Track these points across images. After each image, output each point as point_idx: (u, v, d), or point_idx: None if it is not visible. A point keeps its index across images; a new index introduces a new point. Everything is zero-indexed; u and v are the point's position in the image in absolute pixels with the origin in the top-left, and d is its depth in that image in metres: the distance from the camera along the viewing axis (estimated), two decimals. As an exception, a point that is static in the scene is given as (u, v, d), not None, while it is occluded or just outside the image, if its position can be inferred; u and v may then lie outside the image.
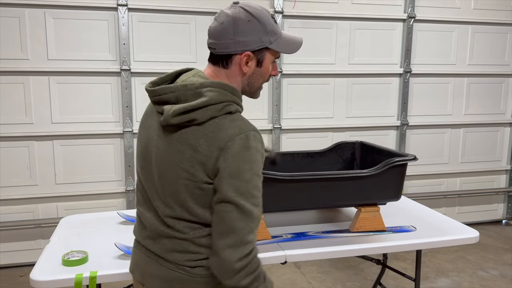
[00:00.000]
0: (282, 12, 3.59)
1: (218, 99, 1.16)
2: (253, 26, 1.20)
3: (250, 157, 1.13)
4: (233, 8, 1.22)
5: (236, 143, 1.12)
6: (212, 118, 1.15)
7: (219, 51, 1.23)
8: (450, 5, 4.04)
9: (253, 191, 1.14)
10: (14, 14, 3.15)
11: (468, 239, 1.97)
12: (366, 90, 3.96)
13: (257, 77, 1.28)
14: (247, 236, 1.12)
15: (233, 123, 1.15)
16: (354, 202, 1.98)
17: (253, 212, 1.13)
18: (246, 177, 1.12)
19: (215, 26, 1.24)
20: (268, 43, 1.22)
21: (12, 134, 3.25)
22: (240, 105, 1.22)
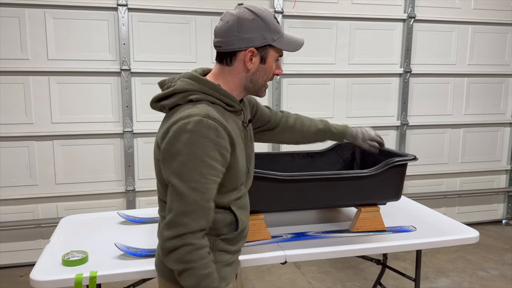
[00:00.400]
0: (282, 12, 3.59)
1: (183, 88, 1.25)
2: (257, 24, 1.26)
3: (192, 141, 1.15)
4: (238, 9, 1.28)
5: (179, 126, 1.16)
6: (177, 105, 1.25)
7: (224, 48, 1.28)
8: (450, 5, 4.04)
9: (192, 174, 1.15)
10: (14, 14, 3.15)
11: (468, 239, 1.96)
12: (366, 90, 3.96)
13: (260, 74, 1.33)
14: (179, 218, 1.15)
15: (187, 110, 1.20)
16: (354, 202, 1.98)
17: (187, 195, 1.15)
18: (184, 159, 1.15)
19: (220, 25, 1.28)
20: (271, 41, 1.28)
21: (12, 134, 3.25)
22: (212, 95, 1.25)
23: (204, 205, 1.17)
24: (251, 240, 1.82)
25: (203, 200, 1.17)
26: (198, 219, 1.16)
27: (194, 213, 1.16)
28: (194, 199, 1.15)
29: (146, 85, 3.44)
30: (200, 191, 1.16)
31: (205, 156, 1.16)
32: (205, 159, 1.16)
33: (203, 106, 1.21)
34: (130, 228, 2.01)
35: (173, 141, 1.16)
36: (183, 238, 1.15)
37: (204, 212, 1.17)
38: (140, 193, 3.56)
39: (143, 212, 2.20)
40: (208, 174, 1.17)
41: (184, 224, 1.15)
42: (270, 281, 3.20)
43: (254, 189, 1.77)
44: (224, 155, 1.20)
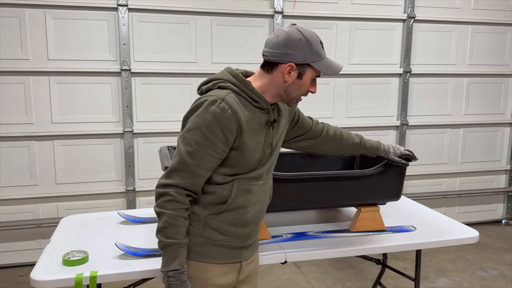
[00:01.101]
0: (282, 12, 3.60)
1: (217, 77, 1.44)
2: (301, 44, 1.41)
3: (201, 114, 1.34)
4: (290, 27, 1.44)
5: (198, 102, 1.37)
6: (209, 90, 1.43)
7: (269, 58, 1.42)
8: (450, 5, 4.04)
9: (190, 140, 1.34)
10: (14, 14, 3.15)
11: (468, 239, 1.97)
12: (366, 90, 3.96)
13: (295, 88, 1.46)
14: (171, 172, 1.35)
15: (211, 93, 1.40)
16: (354, 202, 1.98)
17: (182, 155, 1.34)
18: (190, 126, 1.35)
19: (272, 38, 1.43)
20: (311, 61, 1.43)
21: (12, 134, 3.25)
22: (238, 86, 1.40)
23: (192, 169, 1.34)
24: (251, 240, 1.82)
25: (193, 164, 1.34)
26: (185, 178, 1.34)
27: (183, 172, 1.34)
28: (186, 161, 1.34)
29: (146, 85, 3.45)
30: (192, 156, 1.34)
31: (206, 129, 1.33)
32: (205, 132, 1.33)
33: (226, 92, 1.38)
34: (130, 228, 2.01)
35: (190, 112, 1.38)
36: (167, 188, 1.34)
37: (191, 175, 1.35)
38: (140, 193, 3.56)
39: (143, 212, 2.20)
40: (204, 145, 1.34)
41: (172, 177, 1.34)
42: (270, 281, 3.20)
43: (254, 189, 1.77)
44: (227, 135, 1.35)
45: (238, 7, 3.54)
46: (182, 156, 1.34)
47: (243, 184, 1.43)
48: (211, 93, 1.40)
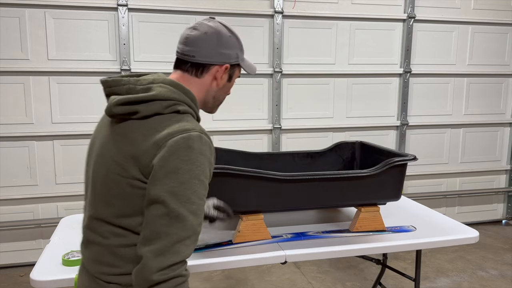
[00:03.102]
0: (282, 12, 3.60)
1: (166, 96, 1.11)
2: (232, 41, 1.24)
3: (191, 157, 1.05)
4: (213, 22, 1.24)
5: (177, 141, 1.05)
6: (157, 114, 1.10)
7: (199, 59, 1.20)
8: (450, 5, 4.04)
9: (190, 196, 1.04)
10: (14, 14, 3.15)
11: (468, 239, 1.97)
12: (366, 90, 3.96)
13: (224, 91, 1.29)
14: (175, 246, 1.01)
15: (178, 122, 1.09)
16: (354, 202, 1.98)
17: (186, 218, 1.03)
18: (183, 178, 1.03)
19: (197, 35, 1.21)
20: (241, 60, 1.28)
21: (12, 134, 3.25)
22: (193, 108, 1.17)
23: (198, 230, 1.06)
24: (251, 240, 1.82)
25: (197, 224, 1.06)
26: (190, 244, 1.04)
27: (189, 239, 1.04)
28: (191, 224, 1.04)
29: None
30: (196, 214, 1.05)
31: (202, 175, 1.07)
32: (202, 178, 1.07)
33: (193, 120, 1.13)
34: (130, 228, 2.01)
35: (170, 157, 1.04)
36: (174, 269, 1.01)
37: (195, 237, 1.06)
38: (140, 193, 3.56)
39: (143, 212, 2.20)
40: (203, 195, 1.08)
41: (178, 251, 1.01)
42: (270, 281, 3.20)
43: (254, 189, 1.77)
44: (211, 173, 1.13)
45: (238, 7, 3.54)
46: (185, 218, 1.03)
47: None
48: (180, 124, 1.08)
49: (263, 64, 3.68)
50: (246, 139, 3.71)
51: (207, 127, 3.66)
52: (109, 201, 1.12)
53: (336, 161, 2.40)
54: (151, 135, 1.07)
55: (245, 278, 3.24)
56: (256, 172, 1.76)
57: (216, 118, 3.56)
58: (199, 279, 3.21)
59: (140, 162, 1.07)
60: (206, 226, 1.82)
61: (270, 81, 3.71)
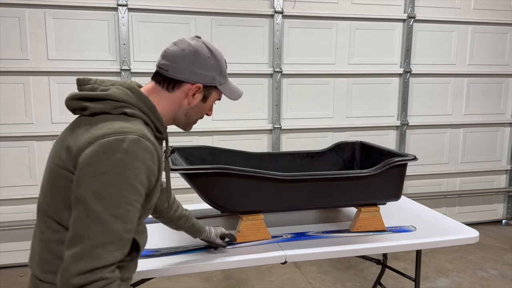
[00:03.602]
0: (282, 12, 3.59)
1: (117, 97, 1.12)
2: (211, 63, 1.24)
3: (123, 160, 1.01)
4: (196, 41, 1.26)
5: (109, 142, 1.02)
6: (105, 113, 1.11)
7: (171, 74, 1.21)
8: (450, 5, 4.04)
9: (117, 200, 1.01)
10: (14, 14, 3.15)
11: (468, 239, 1.96)
12: (366, 90, 3.96)
13: (197, 111, 1.29)
14: (95, 250, 0.98)
15: (119, 123, 1.07)
16: (354, 202, 1.98)
17: (107, 222, 0.99)
18: (111, 180, 1.00)
19: (174, 50, 1.23)
20: (219, 84, 1.27)
21: (12, 134, 3.25)
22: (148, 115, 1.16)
23: (124, 236, 1.02)
24: (251, 240, 1.82)
25: (123, 230, 1.02)
26: (114, 250, 1.01)
27: (112, 244, 1.00)
28: (114, 229, 1.00)
29: (146, 85, 3.44)
30: (122, 220, 1.01)
31: (135, 180, 1.03)
32: (134, 184, 1.03)
33: (139, 124, 1.10)
34: (130, 228, 2.01)
35: (100, 157, 1.01)
36: (95, 273, 0.98)
37: (121, 243, 1.02)
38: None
39: (143, 212, 2.20)
40: (134, 201, 1.04)
41: (99, 257, 0.98)
42: (270, 281, 3.20)
43: (254, 189, 1.77)
44: (151, 181, 1.10)
45: (238, 7, 3.54)
46: (107, 222, 0.99)
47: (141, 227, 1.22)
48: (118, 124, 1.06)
49: (263, 64, 3.68)
50: (246, 139, 3.71)
51: (207, 127, 3.68)
52: (48, 192, 1.13)
53: (336, 161, 2.40)
54: (91, 130, 1.08)
55: (245, 278, 3.24)
56: (256, 172, 1.76)
57: (216, 118, 3.56)
58: (199, 279, 3.21)
59: (72, 154, 1.07)
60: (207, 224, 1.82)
61: (270, 81, 3.71)
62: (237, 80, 3.62)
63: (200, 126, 3.48)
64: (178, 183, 2.71)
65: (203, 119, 1.36)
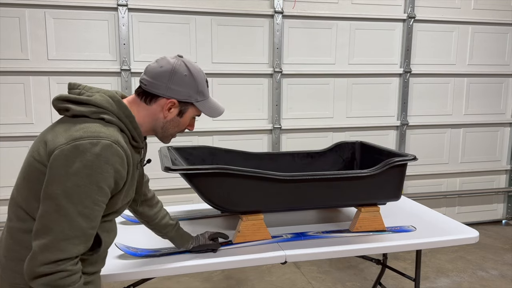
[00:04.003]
0: (282, 12, 3.59)
1: (98, 103, 1.22)
2: (187, 81, 1.31)
3: (94, 163, 1.10)
4: (176, 59, 1.32)
5: (84, 145, 1.11)
6: (84, 116, 1.20)
7: (149, 88, 1.30)
8: (450, 5, 4.04)
9: (84, 199, 1.10)
10: (14, 14, 3.15)
11: (468, 239, 1.97)
12: (366, 90, 3.96)
13: (173, 125, 1.36)
14: (61, 243, 1.08)
15: (96, 127, 1.16)
16: (354, 202, 1.98)
17: (74, 219, 1.09)
18: (81, 181, 1.09)
19: (154, 67, 1.31)
20: (195, 100, 1.34)
21: (12, 134, 3.25)
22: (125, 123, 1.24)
23: (88, 232, 1.13)
24: (251, 240, 1.82)
25: (88, 227, 1.12)
26: (78, 244, 1.11)
27: (76, 239, 1.10)
28: (80, 225, 1.10)
29: (146, 85, 3.44)
30: (88, 218, 1.11)
31: (103, 182, 1.12)
32: (102, 186, 1.13)
33: (114, 131, 1.19)
34: (130, 228, 2.01)
35: (73, 158, 1.10)
36: (59, 264, 1.08)
37: (85, 238, 1.12)
38: (140, 193, 3.55)
39: (143, 212, 2.20)
40: (100, 201, 1.14)
41: (63, 249, 1.09)
42: (270, 281, 3.20)
43: (254, 189, 1.77)
44: (119, 184, 1.19)
45: (238, 7, 3.54)
46: (73, 219, 1.09)
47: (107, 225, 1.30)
48: (93, 128, 1.15)
49: (263, 64, 3.68)
50: (246, 139, 3.71)
51: (207, 127, 3.68)
52: (21, 183, 1.22)
53: (336, 161, 2.40)
54: (69, 131, 1.16)
55: (245, 278, 3.24)
56: (256, 172, 1.76)
57: (216, 118, 3.55)
58: (199, 279, 3.21)
59: (48, 150, 1.15)
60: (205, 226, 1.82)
61: (270, 81, 3.71)
62: (237, 80, 3.62)
63: (200, 126, 3.49)
64: (178, 183, 2.72)
65: (200, 121, 1.37)
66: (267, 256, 1.73)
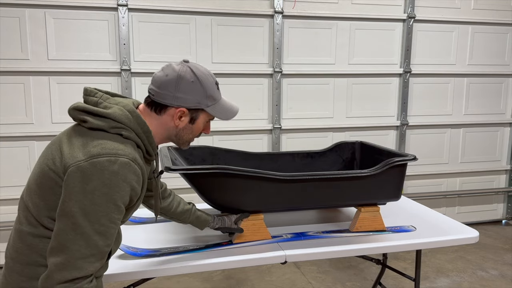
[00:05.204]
0: (282, 12, 3.59)
1: (117, 117, 1.18)
2: (194, 87, 1.27)
3: (112, 181, 1.09)
4: (181, 66, 1.28)
5: (102, 163, 1.09)
6: (101, 130, 1.17)
7: (157, 99, 1.27)
8: (450, 5, 4.04)
9: (101, 218, 1.09)
10: (14, 14, 3.15)
11: (468, 239, 1.97)
12: (366, 90, 3.96)
13: (187, 132, 1.34)
14: (77, 262, 1.07)
15: (113, 144, 1.14)
16: (354, 202, 1.98)
17: (92, 238, 1.08)
18: (98, 199, 1.08)
19: (160, 76, 1.28)
20: (205, 106, 1.30)
21: (12, 134, 3.25)
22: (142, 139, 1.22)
23: (104, 250, 1.12)
24: (251, 240, 1.83)
25: (104, 244, 1.11)
26: (95, 262, 1.10)
27: (93, 257, 1.10)
28: (96, 243, 1.09)
29: (146, 85, 3.41)
30: (104, 235, 1.11)
31: (120, 200, 1.12)
32: (119, 204, 1.12)
33: (131, 147, 1.18)
34: (129, 228, 2.01)
35: (91, 175, 1.08)
36: (76, 282, 1.07)
37: (101, 256, 1.12)
38: (140, 193, 3.56)
39: (143, 212, 2.20)
40: (116, 219, 1.13)
41: (80, 267, 1.08)
42: (270, 281, 3.20)
43: (254, 189, 1.77)
44: (133, 200, 1.19)
45: (238, 7, 3.54)
46: (89, 237, 1.08)
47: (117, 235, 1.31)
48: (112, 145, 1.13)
49: (263, 64, 3.68)
50: (246, 139, 3.71)
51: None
52: (34, 189, 1.19)
53: (336, 161, 2.40)
54: (87, 145, 1.13)
55: (245, 278, 3.24)
56: (256, 172, 1.76)
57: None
58: (199, 279, 3.21)
59: (64, 162, 1.13)
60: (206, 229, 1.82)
61: (270, 81, 3.71)
62: (237, 80, 3.62)
63: (200, 126, 3.49)
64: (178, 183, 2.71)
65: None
66: (267, 256, 1.73)
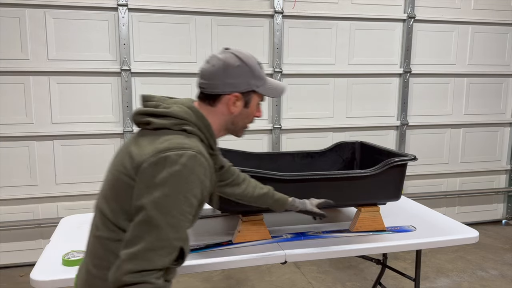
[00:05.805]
0: (282, 12, 3.59)
1: (178, 114, 1.23)
2: (242, 70, 1.30)
3: (181, 174, 1.11)
4: (224, 53, 1.32)
5: (170, 157, 1.12)
6: (166, 128, 1.21)
7: (208, 90, 1.30)
8: (450, 5, 4.04)
9: (173, 210, 1.10)
10: (14, 14, 3.15)
11: (468, 239, 1.97)
12: (366, 90, 3.96)
13: (242, 117, 1.36)
14: (147, 253, 1.08)
15: (179, 139, 1.17)
16: (354, 202, 1.98)
17: (162, 229, 1.09)
18: (169, 191, 1.10)
19: (207, 68, 1.31)
20: (255, 87, 1.33)
21: (12, 134, 3.25)
22: (203, 132, 1.25)
23: (174, 244, 1.11)
24: (251, 240, 1.83)
25: (175, 238, 1.11)
26: (164, 256, 1.10)
27: (163, 250, 1.10)
28: (167, 236, 1.10)
29: (146, 85, 3.44)
30: (174, 228, 1.11)
31: (189, 192, 1.13)
32: (188, 196, 1.13)
33: (196, 141, 1.20)
34: (130, 228, 2.01)
35: (161, 169, 1.11)
36: (144, 275, 1.07)
37: (171, 250, 1.11)
38: (140, 193, 3.55)
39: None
40: (186, 212, 1.13)
41: (150, 259, 1.08)
42: (270, 281, 3.20)
43: (254, 189, 1.77)
44: (204, 194, 1.19)
45: (238, 7, 3.54)
46: (162, 229, 1.09)
47: None
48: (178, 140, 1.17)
49: (263, 64, 3.67)
50: (246, 139, 3.67)
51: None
52: (109, 195, 1.21)
53: (336, 161, 2.40)
54: (154, 143, 1.17)
55: (245, 278, 3.24)
56: (256, 172, 1.76)
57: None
58: (199, 279, 3.21)
59: (135, 163, 1.15)
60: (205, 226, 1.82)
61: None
62: (237, 80, 3.61)
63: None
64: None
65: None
66: (267, 256, 1.73)
